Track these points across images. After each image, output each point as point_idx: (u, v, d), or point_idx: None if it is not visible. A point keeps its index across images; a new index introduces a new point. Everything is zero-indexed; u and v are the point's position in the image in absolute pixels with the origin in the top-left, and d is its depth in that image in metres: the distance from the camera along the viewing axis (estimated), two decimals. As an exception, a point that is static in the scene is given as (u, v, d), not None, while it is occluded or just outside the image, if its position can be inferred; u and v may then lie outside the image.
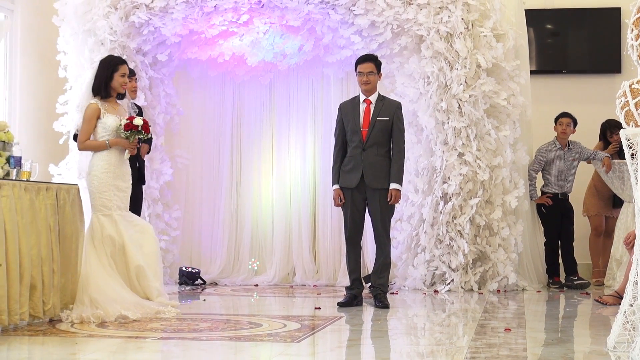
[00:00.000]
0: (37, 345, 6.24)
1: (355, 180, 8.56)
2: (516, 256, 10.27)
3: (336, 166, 8.75)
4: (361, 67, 8.71)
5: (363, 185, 8.57)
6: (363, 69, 8.68)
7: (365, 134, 8.60)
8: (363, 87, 8.69)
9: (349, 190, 8.62)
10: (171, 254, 10.98)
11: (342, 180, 8.66)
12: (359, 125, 8.64)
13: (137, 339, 6.43)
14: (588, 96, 12.11)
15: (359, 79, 8.72)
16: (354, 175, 8.58)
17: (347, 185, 8.63)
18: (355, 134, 8.64)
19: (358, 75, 8.73)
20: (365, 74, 8.66)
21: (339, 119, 8.83)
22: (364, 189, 8.58)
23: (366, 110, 8.66)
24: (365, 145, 8.59)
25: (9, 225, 6.56)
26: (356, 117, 8.66)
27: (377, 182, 8.55)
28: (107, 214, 7.84)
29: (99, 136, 7.87)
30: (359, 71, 8.71)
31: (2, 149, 6.81)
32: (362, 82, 8.68)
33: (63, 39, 10.73)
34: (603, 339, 6.34)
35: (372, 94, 8.71)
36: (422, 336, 6.97)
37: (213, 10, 10.39)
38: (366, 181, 8.54)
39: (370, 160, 8.56)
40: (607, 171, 10.75)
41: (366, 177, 8.54)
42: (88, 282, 7.55)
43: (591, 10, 12.17)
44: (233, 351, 6.10)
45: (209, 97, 11.43)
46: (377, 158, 8.58)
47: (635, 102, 5.85)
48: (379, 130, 8.59)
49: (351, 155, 8.66)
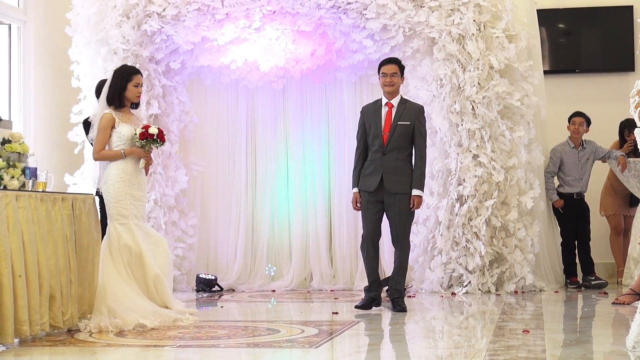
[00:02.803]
0: (57, 355, 6.26)
1: (374, 184, 8.54)
2: (533, 257, 10.26)
3: (357, 170, 8.72)
4: (385, 68, 8.66)
5: (382, 190, 8.53)
6: (387, 70, 8.63)
7: (385, 138, 8.55)
8: (386, 89, 8.64)
9: (367, 194, 8.59)
10: (188, 261, 11.00)
11: (362, 184, 8.63)
12: (380, 129, 8.58)
13: (156, 347, 6.45)
14: (602, 95, 12.09)
15: (382, 81, 8.67)
16: (373, 179, 8.54)
17: (365, 189, 8.60)
18: (376, 138, 8.59)
19: (382, 76, 8.67)
20: (389, 75, 8.61)
21: (361, 122, 8.81)
22: (383, 193, 8.54)
23: (388, 114, 8.62)
24: (386, 149, 8.54)
25: (26, 236, 6.59)
26: (377, 121, 8.61)
27: (397, 186, 8.51)
28: (123, 223, 7.86)
29: (114, 145, 7.89)
30: (382, 72, 8.66)
31: (17, 160, 6.84)
32: (385, 83, 8.63)
33: (76, 48, 10.77)
34: (622, 339, 6.33)
35: (395, 97, 8.67)
36: (440, 339, 6.97)
37: (225, 17, 10.42)
38: (386, 186, 8.51)
39: (390, 165, 8.52)
40: (622, 170, 10.73)
41: (386, 182, 8.51)
42: (105, 291, 7.57)
43: (603, 9, 12.16)
44: (252, 358, 6.11)
45: (222, 104, 11.44)
46: (397, 162, 8.53)
47: (649, 101, 5.85)
48: (400, 135, 8.54)
49: (371, 159, 8.62)
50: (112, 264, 7.74)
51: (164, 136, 7.95)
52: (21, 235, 6.53)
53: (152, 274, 7.85)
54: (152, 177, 10.45)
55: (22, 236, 6.53)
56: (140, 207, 8.02)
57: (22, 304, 6.47)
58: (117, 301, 7.53)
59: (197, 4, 10.37)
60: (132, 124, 7.95)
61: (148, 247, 7.92)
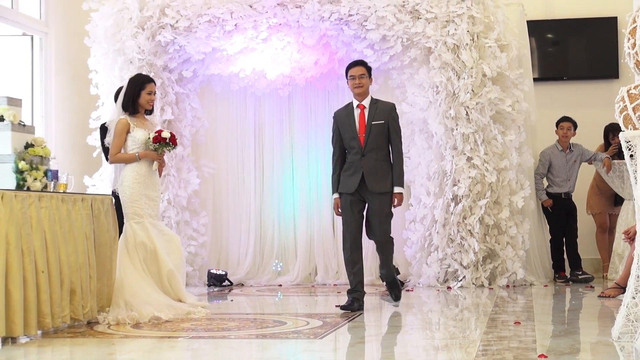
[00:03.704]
0: (77, 346, 6.26)
1: (354, 185, 8.09)
2: (524, 253, 10.25)
3: (335, 175, 8.27)
4: (352, 71, 8.22)
5: (362, 190, 8.11)
6: (355, 73, 8.19)
7: (362, 139, 8.11)
8: (356, 91, 8.19)
9: (348, 196, 8.14)
10: (200, 258, 11.00)
11: (342, 186, 8.18)
12: (355, 131, 8.15)
13: (170, 339, 6.46)
14: (588, 101, 12.07)
15: (350, 84, 8.22)
16: (353, 179, 8.10)
17: (346, 190, 8.14)
18: (353, 140, 8.16)
19: (350, 79, 8.21)
20: (357, 77, 8.16)
21: (334, 128, 8.33)
22: (363, 193, 8.13)
23: (361, 116, 8.18)
24: (364, 150, 8.11)
25: (48, 234, 6.60)
26: (352, 124, 8.17)
27: (378, 186, 8.09)
28: (139, 222, 7.87)
29: (129, 149, 7.90)
30: (350, 75, 8.21)
31: (39, 163, 6.85)
32: (354, 85, 8.18)
33: (94, 58, 10.78)
34: (608, 330, 6.33)
35: (365, 98, 8.23)
36: (437, 330, 6.97)
37: (234, 28, 10.42)
38: (368, 186, 8.08)
39: (370, 165, 8.09)
40: (607, 171, 10.73)
41: (367, 182, 8.07)
42: (123, 286, 7.58)
43: (589, 20, 12.15)
44: (260, 348, 6.12)
45: (232, 110, 11.43)
46: (377, 163, 8.11)
47: (633, 107, 5.84)
48: (376, 134, 8.12)
49: (351, 161, 8.18)
50: (128, 260, 7.75)
51: (176, 140, 7.96)
52: (44, 233, 6.54)
53: (166, 269, 7.86)
54: (166, 179, 10.46)
55: (44, 234, 6.54)
56: (155, 207, 8.03)
57: (44, 298, 6.48)
58: (134, 295, 7.54)
59: (208, 16, 10.38)
60: (146, 129, 7.96)
61: (162, 244, 7.93)
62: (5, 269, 6.13)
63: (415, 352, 5.88)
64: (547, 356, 5.39)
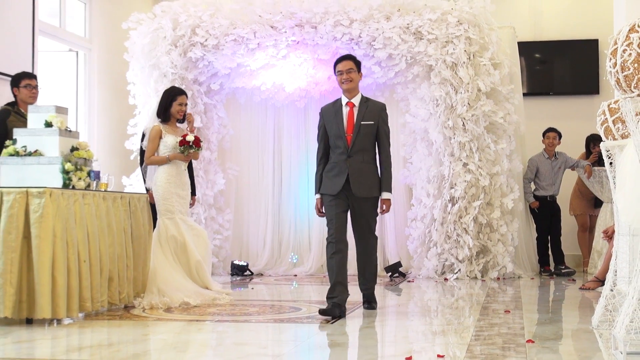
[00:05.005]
0: (115, 327, 6.27)
1: (338, 187, 6.82)
2: (513, 249, 10.23)
3: (318, 174, 7.04)
4: (340, 66, 6.94)
5: (346, 193, 6.85)
6: (342, 68, 6.92)
7: (349, 139, 6.84)
8: (344, 86, 6.91)
9: (332, 197, 6.87)
10: (224, 250, 11.00)
11: (324, 187, 6.94)
12: (342, 130, 6.87)
13: (198, 322, 6.46)
14: (571, 114, 12.04)
15: (338, 79, 6.95)
16: (337, 181, 6.83)
17: (329, 191, 6.88)
18: (339, 139, 6.87)
19: (338, 75, 6.95)
20: (345, 72, 6.89)
21: (320, 124, 7.05)
22: (347, 196, 6.87)
23: (349, 114, 6.91)
24: (351, 151, 6.84)
25: (90, 228, 6.60)
26: (339, 122, 6.89)
27: (364, 190, 6.86)
28: (170, 217, 7.89)
29: (161, 153, 7.95)
30: (338, 70, 6.94)
31: (84, 164, 6.85)
32: (342, 81, 6.90)
33: (132, 72, 10.80)
34: (588, 319, 6.31)
35: (355, 96, 6.98)
36: (435, 317, 6.95)
37: (257, 47, 10.42)
38: (353, 189, 6.82)
39: (356, 167, 6.83)
40: (588, 177, 10.70)
41: (353, 186, 6.82)
42: (156, 274, 7.59)
43: (573, 42, 12.12)
44: (278, 331, 6.11)
45: (254, 119, 11.42)
46: (363, 165, 6.86)
47: (612, 119, 5.82)
48: (365, 135, 6.87)
49: (335, 161, 6.90)
50: (161, 251, 7.77)
51: (199, 142, 7.98)
52: (86, 227, 6.55)
53: (194, 260, 7.87)
54: (195, 180, 10.46)
55: (87, 228, 6.56)
56: (185, 204, 8.05)
57: (85, 284, 6.49)
58: (166, 283, 7.55)
59: (234, 35, 10.38)
60: (176, 135, 7.99)
61: (191, 238, 7.95)
62: (52, 258, 6.15)
63: (416, 337, 5.87)
64: (534, 341, 5.38)
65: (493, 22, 10.40)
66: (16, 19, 9.05)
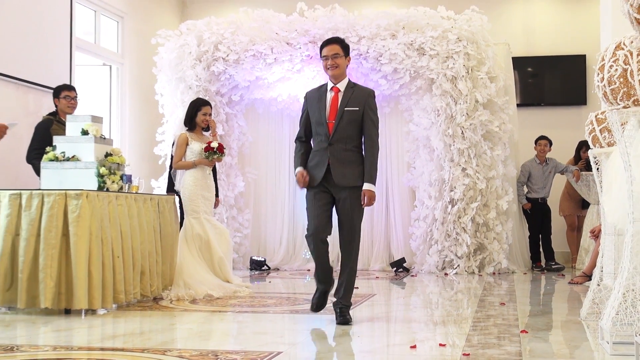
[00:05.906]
0: (145, 317, 6.29)
1: (319, 177, 5.88)
2: (507, 246, 10.22)
3: (298, 152, 6.07)
4: (325, 50, 5.93)
5: (328, 183, 5.89)
6: (327, 52, 5.91)
7: (331, 126, 5.85)
8: (330, 72, 5.91)
9: (312, 188, 5.96)
10: (244, 247, 11.01)
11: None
12: (324, 116, 5.88)
13: (220, 312, 6.48)
14: (561, 123, 12.02)
15: (324, 65, 5.95)
16: (318, 171, 5.89)
17: (310, 184, 5.94)
18: (319, 126, 5.91)
19: (323, 60, 5.95)
20: (330, 57, 5.89)
21: (304, 108, 6.08)
22: (330, 187, 5.91)
23: (333, 100, 5.90)
24: (332, 139, 5.84)
25: (123, 227, 6.63)
26: (322, 108, 5.90)
27: (346, 179, 5.83)
28: (196, 217, 7.91)
29: (188, 158, 7.97)
30: (323, 55, 5.94)
31: (117, 169, 6.88)
32: (327, 66, 5.91)
33: (160, 84, 10.83)
34: (577, 311, 6.31)
35: (341, 81, 5.95)
36: (436, 309, 6.95)
37: (274, 61, 10.44)
38: (334, 179, 5.85)
39: (337, 156, 5.84)
40: (576, 181, 10.68)
41: (334, 175, 5.84)
42: (182, 269, 7.62)
43: (562, 57, 12.10)
44: (293, 321, 6.12)
45: (271, 128, 11.42)
46: (345, 153, 5.85)
47: (600, 129, 5.82)
48: (348, 122, 5.84)
49: (316, 149, 5.96)
50: (187, 248, 7.79)
51: (223, 149, 8.00)
52: (119, 226, 6.58)
53: (217, 256, 7.89)
54: (218, 183, 10.48)
55: (120, 227, 6.58)
56: (209, 205, 8.07)
57: (119, 278, 6.52)
58: (191, 276, 7.57)
59: (253, 51, 10.41)
60: (202, 142, 8.00)
61: (214, 236, 7.97)
62: (88, 254, 6.18)
63: (419, 326, 5.87)
64: (527, 331, 5.38)
65: (489, 39, 10.40)
66: (55, 36, 9.10)
